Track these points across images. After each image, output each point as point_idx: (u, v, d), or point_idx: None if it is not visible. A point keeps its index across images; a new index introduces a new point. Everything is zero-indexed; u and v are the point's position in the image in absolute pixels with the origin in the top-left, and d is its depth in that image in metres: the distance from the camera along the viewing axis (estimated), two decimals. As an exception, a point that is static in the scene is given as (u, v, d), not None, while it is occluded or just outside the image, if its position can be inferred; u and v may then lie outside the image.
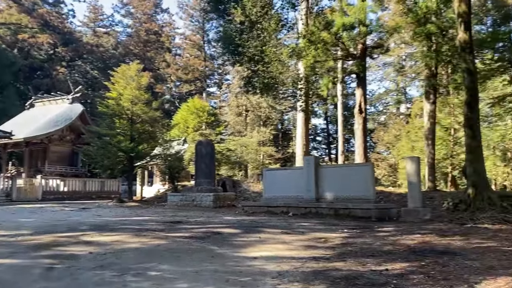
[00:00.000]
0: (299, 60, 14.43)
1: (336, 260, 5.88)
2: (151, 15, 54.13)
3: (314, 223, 11.06)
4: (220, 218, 12.61)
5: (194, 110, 29.57)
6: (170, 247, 6.92)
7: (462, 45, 12.67)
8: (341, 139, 27.84)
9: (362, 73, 16.64)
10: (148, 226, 9.71)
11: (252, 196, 19.56)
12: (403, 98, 41.26)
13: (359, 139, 16.43)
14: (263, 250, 6.74)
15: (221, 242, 7.48)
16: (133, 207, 18.47)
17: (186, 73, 46.86)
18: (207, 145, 18.48)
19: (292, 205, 14.07)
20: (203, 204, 16.87)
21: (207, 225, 10.15)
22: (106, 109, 22.22)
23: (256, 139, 28.69)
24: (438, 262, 5.59)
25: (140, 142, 22.24)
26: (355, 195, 13.08)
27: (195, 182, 18.20)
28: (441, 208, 13.18)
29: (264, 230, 9.20)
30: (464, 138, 12.98)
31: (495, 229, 9.27)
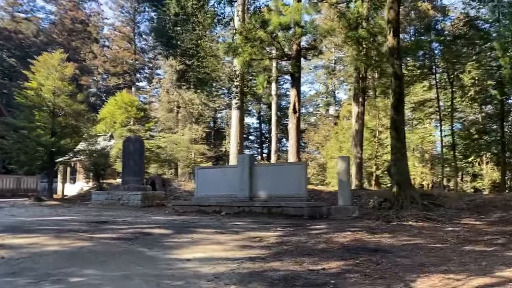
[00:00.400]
0: (235, 57, 14.26)
1: (273, 260, 5.75)
2: (78, 3, 50.97)
3: (248, 222, 10.92)
4: (149, 218, 12.04)
5: (122, 105, 28.22)
6: (95, 250, 6.39)
7: (391, 50, 13.23)
8: (274, 138, 28.11)
9: (297, 74, 16.85)
10: (70, 227, 8.96)
11: (183, 195, 19.02)
12: (332, 101, 42.82)
13: (293, 138, 16.62)
14: (196, 252, 6.44)
15: (151, 244, 7.06)
16: (54, 206, 17.14)
17: (115, 65, 44.72)
18: (136, 142, 17.66)
19: (225, 204, 13.84)
20: (131, 203, 16.09)
21: (136, 226, 9.60)
22: (25, 100, 20.40)
23: (188, 136, 28.06)
24: (372, 260, 5.66)
25: (62, 136, 20.70)
26: (288, 194, 13.16)
27: (123, 180, 17.32)
28: (368, 206, 13.69)
29: (197, 230, 8.88)
30: (390, 140, 13.57)
31: (418, 226, 9.74)
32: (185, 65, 14.31)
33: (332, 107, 42.84)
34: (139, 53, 48.29)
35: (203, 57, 13.84)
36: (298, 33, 15.53)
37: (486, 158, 24.26)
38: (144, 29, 49.39)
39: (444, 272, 4.70)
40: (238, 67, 15.34)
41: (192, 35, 13.29)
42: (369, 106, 22.80)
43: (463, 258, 5.61)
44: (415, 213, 10.75)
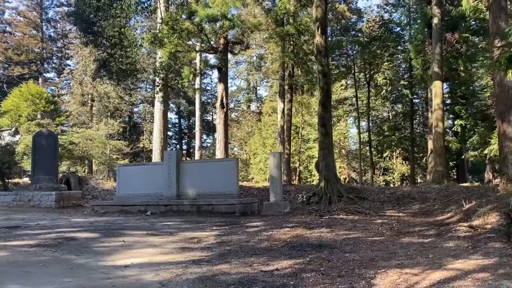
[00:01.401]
0: (160, 48, 13.53)
1: (220, 262, 5.43)
2: (-28, -18, 45.41)
3: (179, 222, 10.42)
4: (68, 220, 10.99)
5: (29, 97, 25.64)
6: (14, 260, 5.56)
7: (319, 48, 13.48)
8: (198, 134, 27.51)
9: (224, 68, 16.54)
10: (-25, 235, 7.79)
11: (102, 194, 17.76)
12: (254, 97, 43.10)
13: (221, 133, 16.29)
14: (132, 257, 5.90)
15: (79, 250, 6.35)
16: None
17: (18, 53, 40.46)
18: (49, 137, 16.06)
19: (150, 203, 13.14)
20: (43, 204, 14.60)
21: (55, 230, 8.64)
22: None
23: (103, 132, 26.34)
24: (321, 257, 5.58)
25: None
26: (219, 191, 12.85)
27: (33, 179, 15.65)
28: (297, 201, 13.84)
29: (126, 233, 8.22)
30: (318, 136, 13.85)
31: (350, 219, 10.00)
32: (108, 54, 13.24)
33: (253, 103, 43.16)
34: (47, 41, 44.34)
35: (126, 46, 12.91)
36: (226, 25, 15.21)
37: (396, 154, 26.02)
38: (53, 15, 45.52)
39: (398, 267, 4.74)
40: (163, 59, 14.62)
41: (115, 21, 12.31)
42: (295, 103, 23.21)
43: (408, 251, 5.75)
44: (345, 206, 11.05)
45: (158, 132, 17.63)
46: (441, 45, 16.08)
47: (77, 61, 32.53)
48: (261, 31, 16.28)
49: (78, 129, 26.15)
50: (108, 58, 13.27)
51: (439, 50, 16.09)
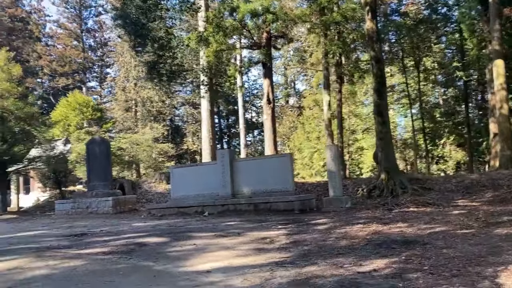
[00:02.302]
0: (206, 47, 13.35)
1: (306, 264, 5.07)
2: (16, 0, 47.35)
3: (240, 222, 10.17)
4: (130, 226, 10.98)
5: (76, 106, 26.34)
6: (92, 269, 5.41)
7: (370, 33, 12.86)
8: (243, 132, 27.34)
9: (269, 63, 16.19)
10: (47, 243, 7.81)
11: (155, 197, 17.87)
12: (292, 92, 42.55)
13: (268, 130, 15.97)
14: (210, 261, 5.64)
15: (153, 256, 6.17)
16: (12, 220, 15.49)
17: (62, 65, 41.83)
18: (101, 143, 16.29)
19: (206, 204, 13.00)
20: (101, 210, 14.80)
21: (122, 236, 8.57)
22: (-33, 106, 18.31)
23: (149, 135, 26.65)
24: (416, 254, 5.12)
25: (14, 143, 18.81)
26: (275, 188, 12.54)
27: (89, 186, 15.92)
28: (356, 195, 13.31)
29: (194, 235, 8.02)
30: (375, 125, 13.24)
31: (422, 212, 9.41)
32: (157, 56, 13.20)
33: (292, 98, 42.62)
34: (87, 51, 45.61)
35: (173, 47, 12.80)
36: (268, 19, 14.83)
37: (449, 140, 24.81)
38: (92, 25, 46.77)
39: (516, 263, 4.20)
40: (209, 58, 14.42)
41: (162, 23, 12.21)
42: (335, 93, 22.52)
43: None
44: (414, 199, 10.44)
45: (207, 131, 17.50)
46: (500, 21, 15.03)
47: (118, 68, 33.12)
48: (304, 22, 15.77)
49: (124, 134, 26.57)
50: (157, 60, 13.25)
51: (498, 27, 15.04)
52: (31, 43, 41.44)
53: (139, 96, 30.90)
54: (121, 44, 31.48)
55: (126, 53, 31.14)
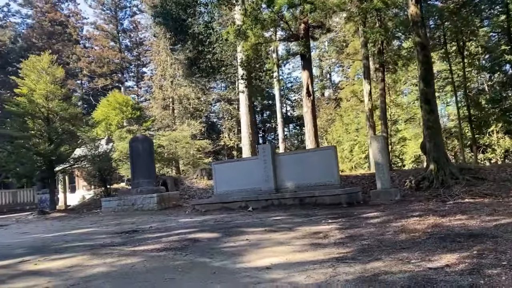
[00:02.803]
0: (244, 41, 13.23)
1: (369, 260, 4.85)
2: (55, 4, 48.86)
3: (286, 216, 10.02)
4: (177, 222, 11.04)
5: (116, 105, 26.90)
6: (151, 266, 5.40)
7: (414, 18, 12.35)
8: (281, 125, 27.14)
9: (308, 54, 15.89)
10: (101, 241, 7.93)
11: (197, 193, 17.98)
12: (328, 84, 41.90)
13: (309, 123, 15.71)
14: (267, 256, 5.52)
15: (208, 252, 6.11)
16: (62, 218, 15.98)
17: (101, 66, 42.95)
18: (144, 141, 16.53)
19: (250, 199, 12.92)
20: (146, 207, 15.02)
21: (172, 232, 8.61)
22: (16, 108, 18.97)
23: (188, 132, 26.91)
24: (488, 248, 4.80)
25: (60, 143, 19.40)
26: (319, 182, 12.31)
27: (133, 183, 16.20)
28: (404, 186, 12.88)
29: (244, 231, 7.94)
30: (422, 114, 12.74)
31: (480, 203, 8.94)
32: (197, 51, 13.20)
33: (327, 90, 41.98)
34: (124, 51, 46.57)
35: (212, 42, 12.74)
36: (306, 9, 14.50)
37: (496, 128, 23.69)
38: (127, 25, 47.69)
39: None
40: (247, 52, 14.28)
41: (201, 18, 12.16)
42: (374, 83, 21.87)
43: None
44: (469, 189, 9.95)
45: (246, 127, 17.42)
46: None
47: (155, 66, 33.59)
48: (342, 10, 15.35)
49: (164, 132, 26.93)
50: (197, 56, 13.24)
51: (553, 5, 14.14)
52: (70, 46, 42.75)
53: (175, 93, 31.25)
54: (157, 43, 31.93)
55: (162, 52, 31.54)
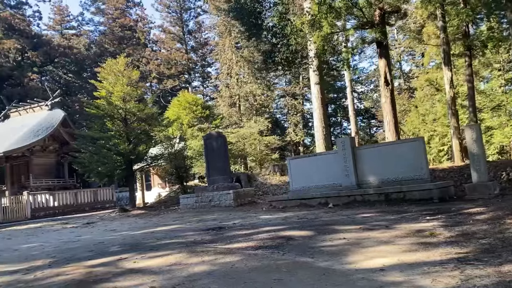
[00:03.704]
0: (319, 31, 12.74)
1: (501, 262, 4.26)
2: (124, 10, 51.23)
3: (376, 213, 9.46)
4: (258, 218, 10.86)
5: (186, 105, 27.52)
6: (252, 266, 5.16)
7: (509, -6, 11.16)
8: (353, 118, 26.31)
9: (384, 41, 15.07)
10: (191, 238, 7.89)
11: (271, 189, 17.81)
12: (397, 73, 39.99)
13: (389, 114, 14.88)
14: (375, 257, 5.08)
15: (307, 251, 5.78)
16: (142, 215, 16.49)
17: (169, 67, 44.38)
18: (218, 138, 16.61)
19: (331, 195, 12.44)
20: (223, 203, 15.05)
21: (259, 229, 8.39)
22: (96, 111, 19.93)
23: (255, 129, 26.88)
24: None
25: (138, 143, 20.11)
26: (406, 176, 11.56)
27: (209, 180, 16.34)
28: (501, 179, 11.75)
29: (336, 229, 7.53)
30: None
31: None
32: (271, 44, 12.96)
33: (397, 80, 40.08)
34: (190, 52, 47.73)
35: (287, 34, 12.40)
36: (383, -6, 13.73)
37: None
38: (192, 26, 48.81)
39: None
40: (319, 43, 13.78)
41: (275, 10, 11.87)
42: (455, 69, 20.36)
43: None
44: None
45: (319, 121, 16.90)
46: None
47: (221, 65, 33.97)
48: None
49: (232, 129, 27.13)
50: (272, 49, 12.99)
51: None
52: (139, 50, 44.55)
53: (242, 91, 31.40)
54: (223, 42, 32.26)
55: (227, 50, 31.83)
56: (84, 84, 49.15)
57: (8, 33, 44.30)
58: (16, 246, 9.68)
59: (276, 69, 14.59)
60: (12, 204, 24.25)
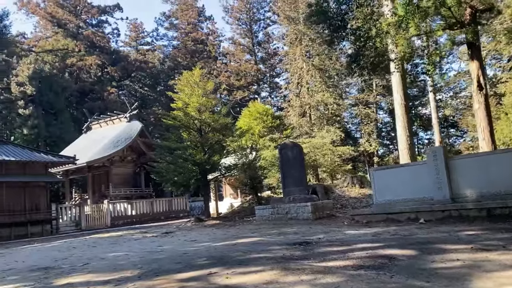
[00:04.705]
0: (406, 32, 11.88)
1: None
2: (196, 24, 52.97)
3: (481, 231, 8.42)
4: (343, 233, 10.16)
5: (257, 115, 27.42)
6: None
7: None
8: (437, 126, 24.66)
9: (477, 42, 13.80)
10: (278, 253, 7.42)
11: (350, 202, 16.96)
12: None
13: (483, 121, 13.52)
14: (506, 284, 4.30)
15: (420, 274, 5.08)
16: (218, 225, 16.37)
17: (238, 79, 45.02)
18: (294, 148, 16.14)
19: (421, 209, 11.43)
20: (300, 216, 14.47)
21: (351, 246, 7.73)
22: (173, 121, 20.36)
23: (328, 139, 26.05)
24: None
25: (212, 153, 20.21)
26: (510, 190, 10.28)
27: (284, 191, 15.87)
28: None
29: (442, 248, 6.70)
30: None
31: None
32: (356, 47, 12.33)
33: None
34: (259, 63, 48.09)
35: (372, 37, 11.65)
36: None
37: None
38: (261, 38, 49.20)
39: None
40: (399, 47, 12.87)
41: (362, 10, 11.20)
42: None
43: None
44: None
45: (403, 129, 15.81)
46: None
47: (291, 74, 33.61)
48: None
49: (303, 139, 26.52)
50: (358, 53, 12.34)
51: None
52: (210, 62, 45.60)
53: (313, 100, 30.76)
54: (293, 51, 31.96)
55: (298, 59, 31.45)
56: (158, 97, 51.22)
57: (89, 50, 47.47)
58: (102, 255, 9.80)
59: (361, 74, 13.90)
60: (94, 212, 25.46)
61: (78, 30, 49.11)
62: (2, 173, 20.76)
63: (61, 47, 45.45)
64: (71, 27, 48.94)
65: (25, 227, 20.97)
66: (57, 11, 47.69)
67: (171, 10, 54.88)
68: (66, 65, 45.07)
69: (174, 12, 54.00)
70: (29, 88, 37.19)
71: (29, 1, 47.56)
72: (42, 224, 21.85)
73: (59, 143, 36.19)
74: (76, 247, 12.27)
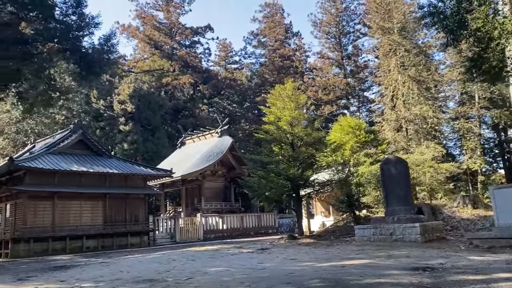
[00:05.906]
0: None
1: None
2: (283, 41, 53.28)
3: None
4: (468, 259, 8.88)
5: (349, 129, 26.21)
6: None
7: None
8: None
9: None
10: (402, 279, 6.51)
11: (461, 224, 15.22)
12: None
13: None
14: None
15: None
16: (314, 244, 15.58)
17: (326, 93, 44.12)
18: (397, 163, 14.89)
19: None
20: (406, 238, 13.14)
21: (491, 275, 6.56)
22: (265, 135, 20.13)
23: (429, 155, 24.01)
24: None
25: (305, 168, 19.57)
26: None
27: (387, 211, 14.64)
28: None
29: None
30: None
31: None
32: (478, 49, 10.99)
33: None
34: (348, 76, 46.81)
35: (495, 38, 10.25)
36: None
37: None
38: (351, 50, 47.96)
39: None
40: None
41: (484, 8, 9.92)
42: None
43: None
44: None
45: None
46: None
47: (385, 87, 31.90)
48: None
49: (400, 155, 24.75)
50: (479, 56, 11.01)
51: None
52: (297, 78, 45.25)
53: (410, 113, 28.79)
54: (387, 62, 30.41)
55: (393, 70, 29.80)
56: (245, 113, 52.01)
57: (183, 69, 49.78)
58: (203, 269, 9.54)
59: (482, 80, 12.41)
60: (187, 225, 26.00)
61: (172, 51, 51.85)
62: (106, 185, 21.99)
63: (158, 67, 48.23)
64: (167, 48, 51.83)
65: (125, 238, 21.92)
66: (154, 33, 50.86)
67: (259, 28, 55.86)
68: (162, 84, 47.67)
69: (262, 30, 54.81)
70: (129, 105, 39.74)
71: (129, 25, 51.36)
72: (140, 235, 22.70)
73: (154, 158, 37.99)
74: (176, 259, 12.26)
